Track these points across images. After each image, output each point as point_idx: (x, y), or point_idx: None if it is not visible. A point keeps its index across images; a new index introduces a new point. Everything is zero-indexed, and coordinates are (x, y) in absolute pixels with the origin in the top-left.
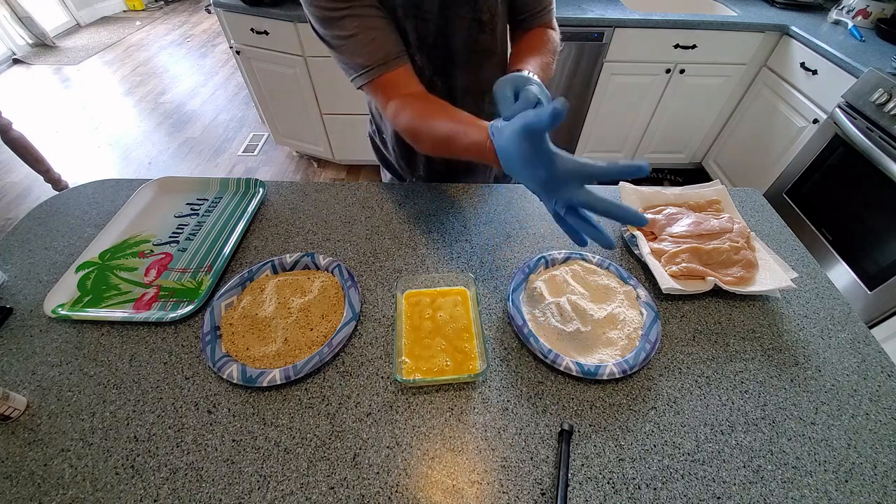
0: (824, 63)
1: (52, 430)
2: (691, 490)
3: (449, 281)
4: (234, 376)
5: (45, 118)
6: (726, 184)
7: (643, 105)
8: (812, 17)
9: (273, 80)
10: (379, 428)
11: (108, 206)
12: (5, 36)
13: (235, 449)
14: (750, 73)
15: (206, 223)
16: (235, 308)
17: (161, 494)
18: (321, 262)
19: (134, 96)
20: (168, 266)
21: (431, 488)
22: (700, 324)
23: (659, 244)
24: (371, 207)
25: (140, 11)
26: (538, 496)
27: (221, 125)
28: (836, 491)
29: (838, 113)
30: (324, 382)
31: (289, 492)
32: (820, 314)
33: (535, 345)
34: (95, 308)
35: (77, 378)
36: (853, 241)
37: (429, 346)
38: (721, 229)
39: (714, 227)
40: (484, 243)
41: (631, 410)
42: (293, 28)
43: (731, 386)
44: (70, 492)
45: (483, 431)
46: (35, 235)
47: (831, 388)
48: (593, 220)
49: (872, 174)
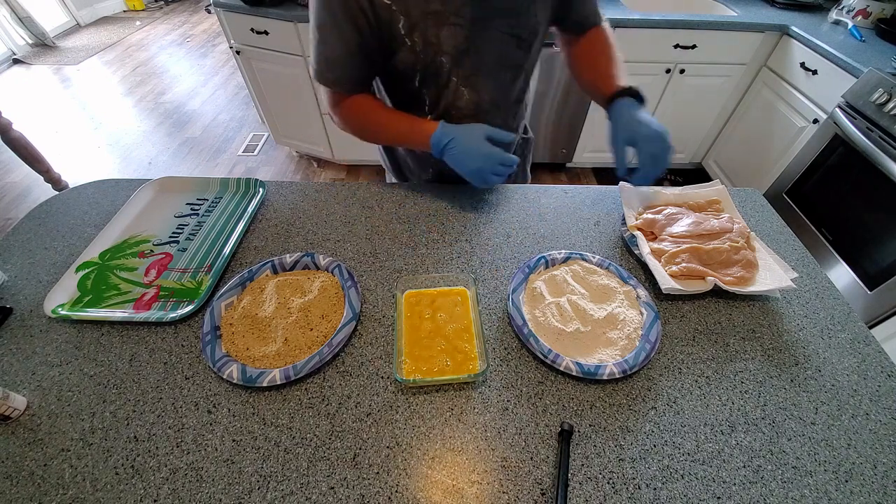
0: (824, 63)
1: (52, 430)
2: (691, 490)
3: (449, 281)
4: (234, 376)
5: (45, 118)
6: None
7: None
8: (812, 17)
9: (273, 80)
10: (379, 428)
11: (108, 206)
12: (5, 36)
13: (235, 449)
14: (750, 73)
15: (206, 223)
16: (235, 308)
17: (161, 494)
18: (321, 262)
19: (134, 96)
20: (168, 266)
21: (431, 488)
22: (700, 324)
23: (659, 244)
24: (371, 207)
25: (140, 11)
26: (538, 496)
27: (221, 125)
28: (836, 491)
29: (838, 113)
30: (324, 382)
31: (289, 492)
32: (820, 314)
33: (535, 345)
34: (95, 308)
35: (77, 378)
36: (853, 241)
37: (429, 347)
38: (721, 229)
39: (714, 227)
40: (484, 243)
41: (631, 410)
42: (293, 28)
43: (731, 386)
44: (70, 492)
45: (483, 431)
46: (35, 235)
47: (831, 388)
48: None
49: (872, 174)
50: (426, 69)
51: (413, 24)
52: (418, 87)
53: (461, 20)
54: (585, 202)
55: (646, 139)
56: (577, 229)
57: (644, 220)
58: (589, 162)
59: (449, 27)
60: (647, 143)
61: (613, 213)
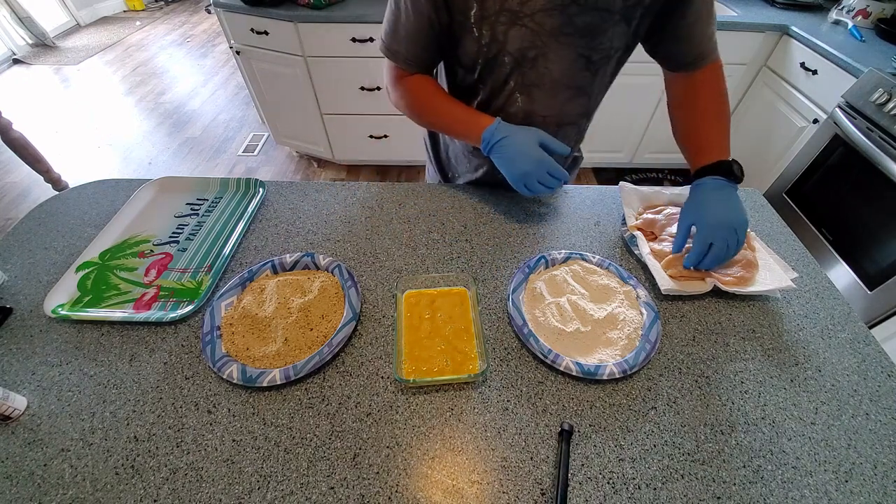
0: (824, 63)
1: (52, 430)
2: (691, 490)
3: (449, 281)
4: (234, 376)
5: (45, 118)
6: None
7: (643, 105)
8: (812, 17)
9: (273, 80)
10: (379, 428)
11: (108, 206)
12: (5, 36)
13: (235, 449)
14: (750, 73)
15: (206, 223)
16: (235, 308)
17: (161, 494)
18: (321, 262)
19: (134, 96)
20: (168, 266)
21: (431, 488)
22: (700, 324)
23: (659, 244)
24: (371, 207)
25: (140, 11)
26: (538, 496)
27: (221, 125)
28: (836, 491)
29: (838, 113)
30: (324, 382)
31: (289, 492)
32: (820, 314)
33: (535, 345)
34: (95, 308)
35: (77, 378)
36: (853, 241)
37: (429, 347)
38: None
39: None
40: (484, 243)
41: (631, 410)
42: (293, 28)
43: (731, 386)
44: (70, 492)
45: (483, 431)
46: (35, 235)
47: (831, 388)
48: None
49: (872, 174)
50: (487, 64)
51: (485, 16)
52: (475, 81)
53: (535, 26)
54: (585, 202)
55: (710, 227)
56: (577, 229)
57: (644, 220)
58: (589, 162)
59: (520, 28)
60: (709, 231)
61: (613, 213)
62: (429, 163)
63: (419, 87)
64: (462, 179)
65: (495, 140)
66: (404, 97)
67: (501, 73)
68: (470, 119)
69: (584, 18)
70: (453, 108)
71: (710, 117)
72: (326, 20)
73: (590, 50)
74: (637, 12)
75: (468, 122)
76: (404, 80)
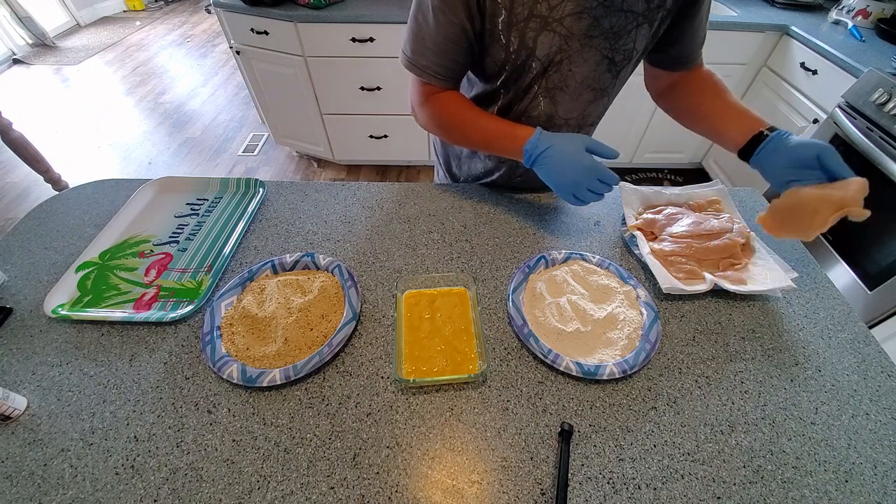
0: (824, 63)
1: (52, 430)
2: (691, 490)
3: (449, 281)
4: (234, 376)
5: (44, 118)
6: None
7: (643, 105)
8: (812, 17)
9: (273, 80)
10: (379, 428)
11: (108, 206)
12: (5, 36)
13: (235, 449)
14: (750, 73)
15: (206, 223)
16: (235, 308)
17: (161, 494)
18: (321, 262)
19: (134, 96)
20: (168, 266)
21: (431, 488)
22: (700, 324)
23: (659, 244)
24: (371, 207)
25: (140, 11)
26: (538, 496)
27: (221, 125)
28: (836, 491)
29: (838, 113)
30: (324, 382)
31: (289, 492)
32: (820, 314)
33: (535, 345)
34: (95, 308)
35: (77, 378)
36: (853, 241)
37: (429, 347)
38: (721, 229)
39: (714, 227)
40: (484, 243)
41: (631, 410)
42: (293, 28)
43: (731, 386)
44: (70, 492)
45: (483, 431)
46: (35, 235)
47: (831, 388)
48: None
49: (872, 174)
50: (514, 71)
51: (513, 23)
52: (497, 87)
53: (564, 30)
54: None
55: (817, 145)
56: (577, 229)
57: (644, 220)
58: None
59: (548, 34)
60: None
61: (613, 213)
62: (438, 166)
63: (450, 104)
64: (471, 181)
65: (538, 152)
66: (434, 117)
67: (526, 79)
68: (508, 133)
69: (611, 20)
70: (488, 123)
71: (728, 95)
72: (326, 20)
73: (613, 52)
74: (659, 14)
75: (506, 136)
76: (433, 99)
